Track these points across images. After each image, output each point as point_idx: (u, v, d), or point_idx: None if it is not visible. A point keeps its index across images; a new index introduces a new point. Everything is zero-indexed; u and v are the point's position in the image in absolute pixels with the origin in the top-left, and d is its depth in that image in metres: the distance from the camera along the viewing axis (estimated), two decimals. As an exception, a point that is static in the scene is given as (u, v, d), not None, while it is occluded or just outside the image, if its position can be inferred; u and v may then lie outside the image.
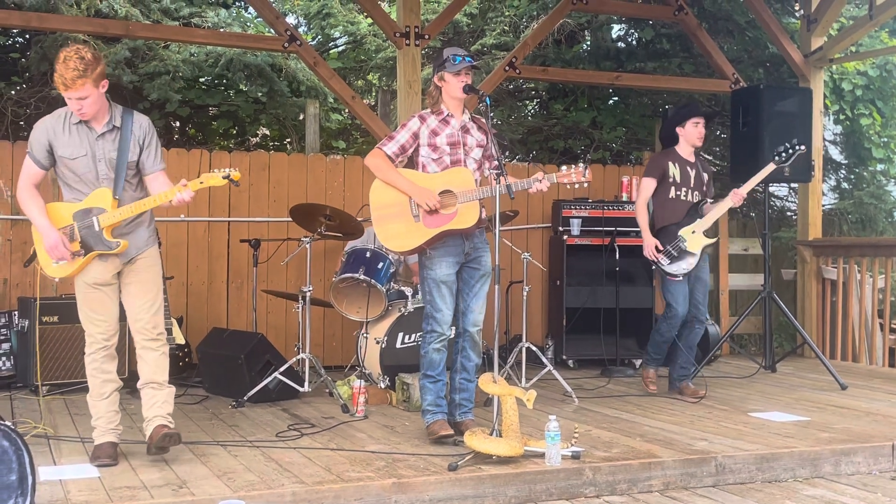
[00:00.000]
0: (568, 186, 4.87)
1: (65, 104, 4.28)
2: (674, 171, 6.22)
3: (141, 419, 4.46)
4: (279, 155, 8.03)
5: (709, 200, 6.24)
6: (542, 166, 8.72)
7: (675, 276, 6.13)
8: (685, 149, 6.29)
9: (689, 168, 6.27)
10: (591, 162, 9.85)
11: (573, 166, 4.79)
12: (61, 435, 4.86)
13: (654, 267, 6.25)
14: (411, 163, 4.87)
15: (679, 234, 6.14)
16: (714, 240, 6.20)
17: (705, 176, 6.32)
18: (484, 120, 4.89)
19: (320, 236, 6.14)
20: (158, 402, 4.34)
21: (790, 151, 6.23)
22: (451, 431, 4.66)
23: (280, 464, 4.26)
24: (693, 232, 6.13)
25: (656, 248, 6.12)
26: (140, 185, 4.40)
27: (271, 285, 7.37)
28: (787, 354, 8.12)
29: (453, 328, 4.91)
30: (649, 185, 6.26)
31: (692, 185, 6.24)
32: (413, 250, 4.78)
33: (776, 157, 6.25)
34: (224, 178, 4.30)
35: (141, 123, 4.34)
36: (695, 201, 6.22)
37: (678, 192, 6.22)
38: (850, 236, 9.87)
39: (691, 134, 6.23)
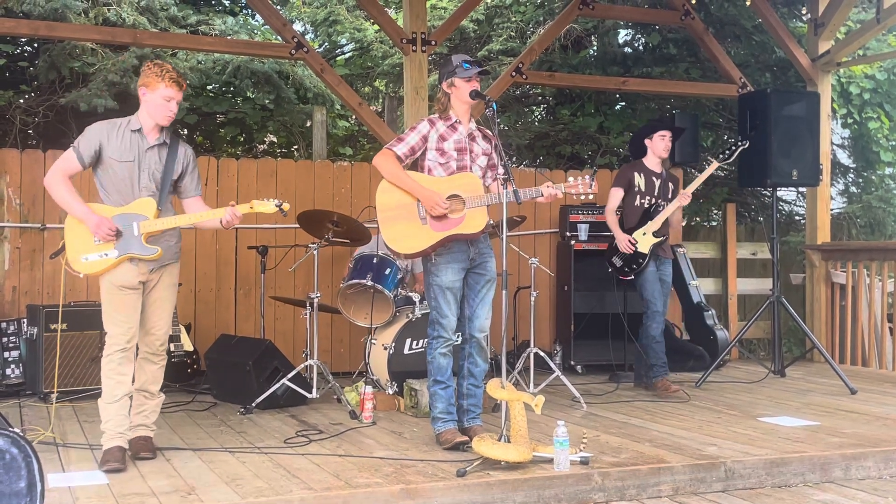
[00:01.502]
0: (575, 197, 4.87)
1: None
2: (639, 180, 6.62)
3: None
4: (286, 162, 8.04)
5: (664, 204, 6.59)
6: (549, 172, 8.73)
7: (627, 275, 6.58)
8: (652, 160, 6.68)
9: (654, 178, 6.64)
10: (598, 167, 9.84)
11: (580, 178, 4.78)
12: (70, 442, 4.87)
13: (609, 270, 6.68)
14: (415, 166, 4.87)
15: (632, 236, 6.52)
16: (661, 239, 6.51)
17: (671, 185, 6.67)
18: (489, 129, 4.90)
19: (328, 243, 6.14)
20: (146, 410, 4.60)
21: (732, 149, 6.71)
22: (466, 438, 4.64)
23: (288, 470, 4.26)
24: (644, 234, 6.51)
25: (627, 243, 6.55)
26: (171, 204, 4.63)
27: (279, 292, 7.37)
28: (796, 359, 8.09)
29: (458, 334, 4.91)
30: (616, 194, 6.68)
31: (656, 194, 6.62)
32: (419, 253, 4.77)
33: (719, 156, 6.72)
34: (276, 206, 4.57)
35: (186, 151, 4.61)
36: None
37: (642, 201, 6.62)
38: (859, 240, 9.84)
39: (658, 146, 6.63)
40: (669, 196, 6.63)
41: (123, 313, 4.40)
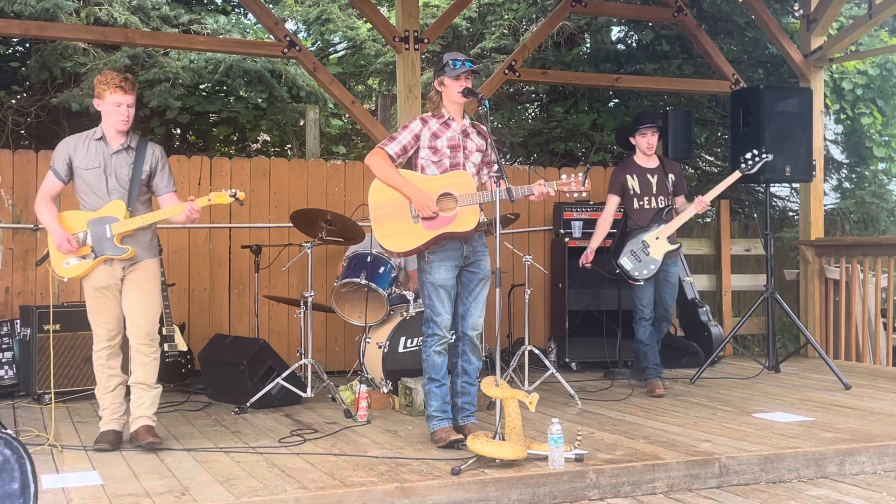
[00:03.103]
0: (567, 195, 4.87)
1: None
2: (633, 183, 6.46)
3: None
4: (280, 160, 8.03)
5: (675, 208, 6.44)
6: (543, 170, 8.72)
7: (637, 280, 6.38)
8: (642, 156, 6.51)
9: (649, 175, 6.47)
10: (592, 164, 9.84)
11: (573, 175, 4.78)
12: (64, 443, 4.85)
13: (618, 272, 6.48)
14: (409, 164, 4.87)
15: (643, 239, 6.37)
16: (676, 246, 6.37)
17: (671, 177, 6.48)
18: (484, 126, 4.89)
19: (321, 241, 6.13)
20: (146, 402, 4.78)
21: (756, 159, 6.41)
22: (461, 436, 4.64)
23: (283, 469, 4.26)
24: (657, 238, 6.36)
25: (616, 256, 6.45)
26: (149, 203, 4.93)
27: (273, 291, 7.37)
28: (790, 355, 8.10)
29: (453, 332, 4.91)
30: (612, 201, 6.55)
31: (655, 192, 6.45)
32: (411, 251, 4.77)
33: (742, 165, 6.45)
34: (231, 196, 4.80)
35: (154, 151, 4.87)
36: (661, 206, 6.42)
37: (641, 203, 6.46)
38: (853, 236, 9.86)
39: (640, 143, 6.49)
40: (669, 188, 6.45)
41: (103, 313, 4.76)
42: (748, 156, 6.43)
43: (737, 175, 6.44)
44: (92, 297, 4.75)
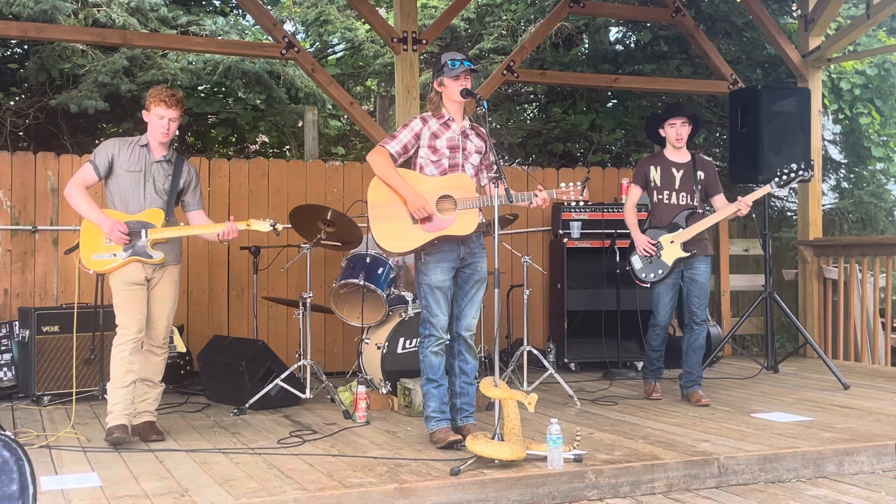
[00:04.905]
0: (566, 203, 4.85)
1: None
2: (654, 175, 6.14)
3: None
4: (278, 162, 8.03)
5: (700, 211, 6.10)
6: (542, 170, 8.72)
7: (643, 282, 6.14)
8: (672, 150, 6.19)
9: (674, 170, 6.13)
10: (590, 164, 9.85)
11: (571, 184, 4.77)
12: (63, 444, 4.85)
13: (627, 268, 6.24)
14: (408, 163, 4.87)
15: (658, 240, 6.08)
16: (688, 254, 6.00)
17: (700, 175, 6.12)
18: (483, 128, 4.90)
19: (319, 244, 6.12)
20: (150, 398, 5.10)
21: (791, 175, 5.99)
22: (459, 437, 4.64)
23: (282, 470, 4.26)
24: (672, 242, 6.04)
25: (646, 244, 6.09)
26: (174, 214, 5.12)
27: (272, 292, 7.37)
28: (789, 355, 8.11)
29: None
30: (634, 191, 6.26)
31: (677, 188, 6.11)
32: (408, 252, 4.79)
33: (776, 180, 6.05)
34: (270, 226, 5.04)
35: (189, 169, 5.18)
36: (682, 203, 6.10)
37: (660, 196, 6.13)
38: (851, 235, 9.87)
39: (669, 135, 6.14)
40: (695, 187, 6.08)
41: (133, 306, 4.91)
42: (786, 169, 6.01)
43: (767, 189, 6.04)
44: (122, 292, 4.89)
